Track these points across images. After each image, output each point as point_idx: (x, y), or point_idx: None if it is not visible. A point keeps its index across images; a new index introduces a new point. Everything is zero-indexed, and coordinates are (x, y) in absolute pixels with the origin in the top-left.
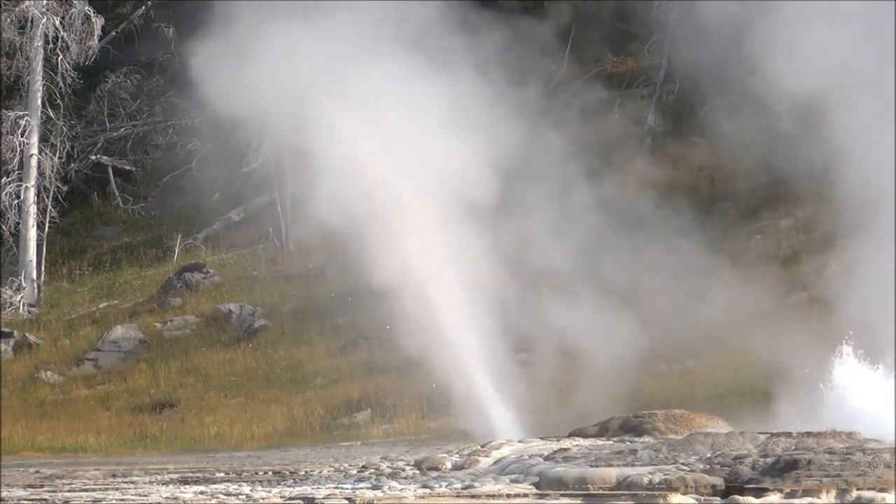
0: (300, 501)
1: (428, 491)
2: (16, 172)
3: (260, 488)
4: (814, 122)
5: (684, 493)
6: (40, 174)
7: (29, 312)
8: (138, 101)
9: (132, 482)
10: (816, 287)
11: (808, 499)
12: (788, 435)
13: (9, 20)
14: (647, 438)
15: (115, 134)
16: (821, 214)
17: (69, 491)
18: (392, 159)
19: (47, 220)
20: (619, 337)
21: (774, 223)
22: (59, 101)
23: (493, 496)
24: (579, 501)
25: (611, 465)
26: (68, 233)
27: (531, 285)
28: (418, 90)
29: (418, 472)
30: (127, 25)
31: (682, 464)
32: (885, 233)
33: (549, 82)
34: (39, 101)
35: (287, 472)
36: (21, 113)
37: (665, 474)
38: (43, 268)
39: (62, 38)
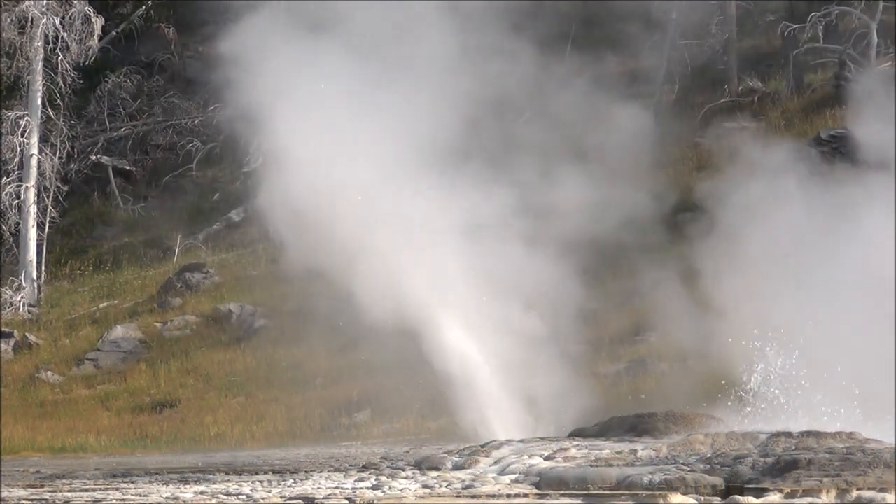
0: (300, 501)
1: (428, 491)
2: (16, 172)
3: (260, 488)
4: None
5: (684, 493)
6: (40, 174)
7: (29, 312)
8: (138, 101)
9: (132, 482)
10: None
11: (809, 499)
12: (789, 435)
13: (9, 20)
14: (647, 438)
15: (115, 134)
16: None
17: (69, 491)
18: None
19: (47, 220)
20: None
21: None
22: (59, 101)
23: (493, 496)
24: (579, 501)
25: (611, 465)
26: (68, 233)
27: None
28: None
29: (418, 472)
30: (127, 25)
31: (682, 464)
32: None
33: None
34: (39, 101)
35: (287, 472)
36: (21, 113)
37: (665, 474)
38: (43, 268)
39: (62, 38)
